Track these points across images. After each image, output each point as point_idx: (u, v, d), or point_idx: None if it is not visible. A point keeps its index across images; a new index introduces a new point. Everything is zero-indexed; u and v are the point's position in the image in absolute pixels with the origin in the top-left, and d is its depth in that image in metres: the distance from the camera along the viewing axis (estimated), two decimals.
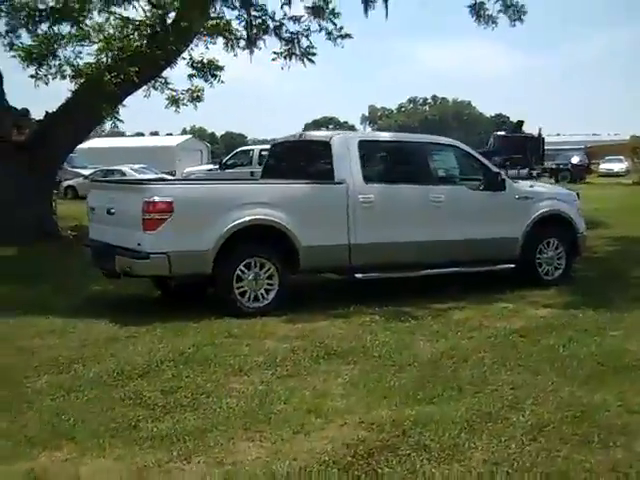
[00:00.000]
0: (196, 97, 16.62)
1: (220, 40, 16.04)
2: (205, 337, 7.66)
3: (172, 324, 8.14)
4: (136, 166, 34.88)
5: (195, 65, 15.23)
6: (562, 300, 9.75)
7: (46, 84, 14.22)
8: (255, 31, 15.61)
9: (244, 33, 15.61)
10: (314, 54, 15.79)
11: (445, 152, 10.67)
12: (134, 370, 6.41)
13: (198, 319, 8.33)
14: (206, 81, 15.42)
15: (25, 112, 14.89)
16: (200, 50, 15.41)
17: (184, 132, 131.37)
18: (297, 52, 15.64)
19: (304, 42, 15.61)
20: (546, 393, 5.90)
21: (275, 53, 15.84)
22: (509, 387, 6.06)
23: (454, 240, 9.93)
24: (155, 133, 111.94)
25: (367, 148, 9.72)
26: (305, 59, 15.75)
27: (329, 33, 15.66)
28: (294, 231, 8.90)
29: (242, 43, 16.12)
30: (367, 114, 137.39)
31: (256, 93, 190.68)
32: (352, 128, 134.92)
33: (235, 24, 15.83)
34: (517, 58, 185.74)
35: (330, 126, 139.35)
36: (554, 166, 47.89)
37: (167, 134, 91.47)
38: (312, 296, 9.93)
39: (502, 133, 44.64)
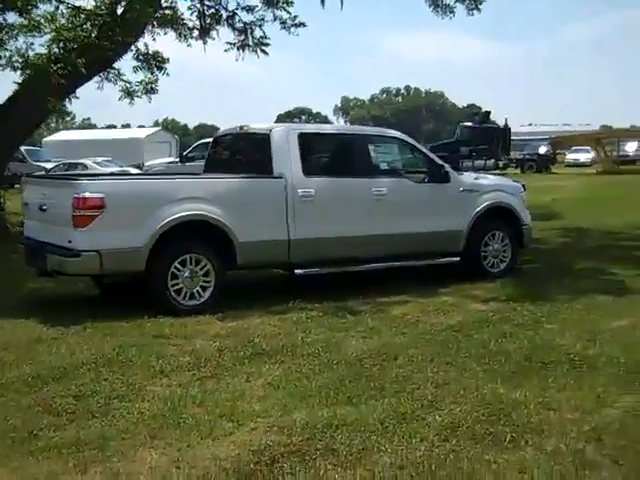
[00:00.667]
0: (150, 89, 16.35)
1: (172, 31, 15.75)
2: (133, 337, 7.49)
3: (103, 324, 7.96)
4: (99, 159, 34.49)
5: (140, 57, 14.95)
6: (504, 293, 9.67)
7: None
8: (208, 21, 15.36)
9: (197, 23, 15.34)
10: (267, 44, 15.61)
11: (388, 144, 10.57)
12: (51, 374, 6.21)
13: (131, 318, 8.15)
14: (152, 74, 15.15)
15: None
16: (154, 41, 15.09)
17: (155, 124, 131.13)
18: (250, 43, 15.40)
19: (258, 32, 15.36)
20: (468, 391, 5.80)
21: (228, 44, 15.62)
22: (433, 385, 5.96)
23: (397, 233, 9.83)
24: (127, 125, 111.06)
25: (308, 141, 9.57)
26: (259, 50, 15.53)
27: (283, 22, 15.46)
28: (230, 227, 8.74)
29: (195, 33, 15.86)
30: (340, 105, 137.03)
31: (230, 84, 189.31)
32: (325, 119, 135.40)
33: (188, 14, 15.52)
34: (493, 48, 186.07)
35: (303, 117, 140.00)
36: (520, 156, 48.07)
37: (139, 126, 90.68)
38: (252, 292, 9.79)
39: (468, 124, 44.85)
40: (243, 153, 10.06)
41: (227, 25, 15.39)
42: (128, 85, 16.29)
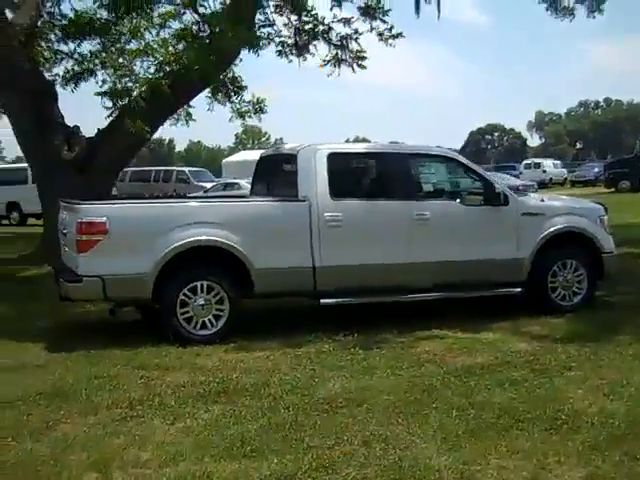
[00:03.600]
0: (259, 109, 16.31)
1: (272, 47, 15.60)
2: (114, 367, 7.25)
3: (98, 351, 7.81)
4: None
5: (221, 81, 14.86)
6: (561, 331, 8.62)
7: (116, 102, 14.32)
8: (305, 37, 15.05)
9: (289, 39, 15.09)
10: (365, 57, 15.03)
11: (436, 164, 9.71)
12: None
13: (133, 346, 7.92)
14: (229, 98, 15.04)
15: (76, 129, 15.05)
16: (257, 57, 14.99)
17: (347, 141, 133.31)
18: (347, 57, 14.91)
19: (354, 46, 14.83)
20: (390, 451, 5.05)
21: (323, 60, 15.22)
22: (357, 442, 5.25)
23: (442, 261, 8.99)
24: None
25: (339, 161, 8.96)
26: (355, 65, 15.01)
27: (380, 34, 14.86)
28: (246, 253, 8.30)
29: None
30: (533, 120, 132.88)
31: (422, 100, 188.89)
32: (519, 135, 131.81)
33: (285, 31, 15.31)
34: None
35: (495, 134, 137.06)
36: None
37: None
38: (283, 321, 9.28)
39: None
40: (277, 175, 9.59)
41: (323, 40, 14.96)
42: (238, 106, 16.34)
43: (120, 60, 14.80)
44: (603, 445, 5.11)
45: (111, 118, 14.41)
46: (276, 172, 9.59)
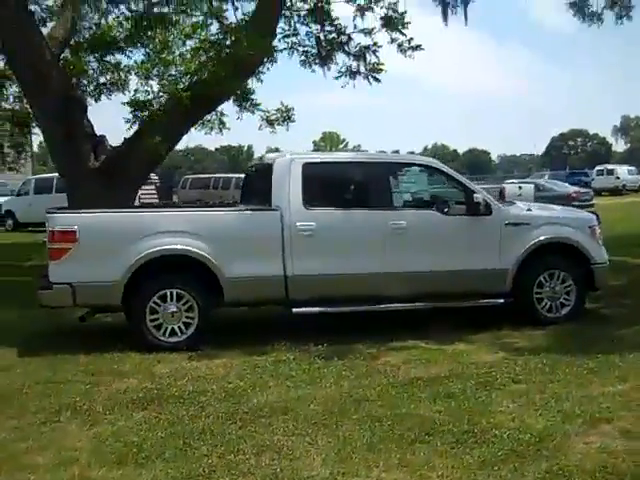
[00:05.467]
0: (287, 117, 16.40)
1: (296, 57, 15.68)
2: (69, 372, 7.46)
3: (66, 356, 8.02)
4: None
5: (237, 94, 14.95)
6: (535, 342, 8.46)
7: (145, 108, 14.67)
8: (327, 47, 15.08)
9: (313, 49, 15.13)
10: (381, 70, 14.94)
11: (416, 173, 9.63)
12: None
13: (100, 351, 8.14)
14: (245, 108, 15.10)
15: (102, 139, 15.42)
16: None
17: (425, 149, 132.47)
18: (363, 69, 14.88)
19: (372, 59, 14.79)
20: (270, 462, 5.05)
21: (339, 72, 15.20)
22: (253, 451, 5.28)
23: (419, 272, 8.91)
24: (396, 151, 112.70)
25: (315, 171, 8.97)
26: (370, 77, 14.95)
27: (400, 45, 14.79)
28: (215, 261, 8.41)
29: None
30: (619, 125, 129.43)
31: (504, 107, 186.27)
32: (603, 141, 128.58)
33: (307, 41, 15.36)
34: None
35: (578, 139, 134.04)
36: None
37: (393, 152, 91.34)
38: (256, 330, 9.32)
39: None
40: (259, 184, 9.65)
41: (342, 51, 14.95)
42: (268, 114, 16.46)
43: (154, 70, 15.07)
44: (496, 461, 5.02)
45: (134, 128, 14.68)
46: (258, 182, 9.67)
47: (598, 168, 53.75)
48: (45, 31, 16.11)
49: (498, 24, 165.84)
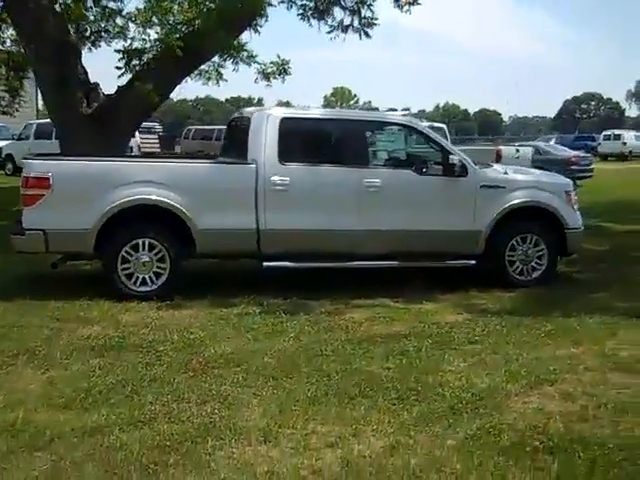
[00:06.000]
0: (283, 70, 16.34)
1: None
2: (33, 318, 7.56)
3: (37, 302, 8.12)
4: None
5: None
6: (502, 304, 8.54)
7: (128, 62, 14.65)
8: (325, 0, 14.97)
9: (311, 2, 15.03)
10: (375, 25, 14.84)
11: (394, 132, 9.63)
12: None
13: (74, 298, 8.25)
14: (241, 60, 15.01)
15: (95, 86, 15.41)
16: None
17: (436, 108, 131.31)
18: (355, 24, 14.78)
19: (367, 13, 14.68)
20: (212, 411, 5.19)
21: (330, 26, 15.11)
22: (197, 400, 5.41)
23: (392, 230, 8.98)
24: (407, 109, 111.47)
25: (292, 126, 8.98)
26: (362, 31, 14.86)
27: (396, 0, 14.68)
28: (188, 213, 8.49)
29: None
30: (633, 90, 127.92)
31: (518, 67, 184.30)
32: (616, 105, 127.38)
33: None
34: None
35: (592, 103, 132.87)
36: None
37: (389, 109, 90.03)
38: (233, 282, 9.40)
39: None
40: (237, 137, 9.66)
41: (339, 5, 14.85)
42: (264, 67, 16.39)
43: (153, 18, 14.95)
44: (432, 417, 5.14)
45: (127, 77, 14.67)
46: (237, 135, 9.69)
47: (605, 133, 53.35)
48: None
49: None
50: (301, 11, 15.61)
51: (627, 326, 7.56)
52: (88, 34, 15.26)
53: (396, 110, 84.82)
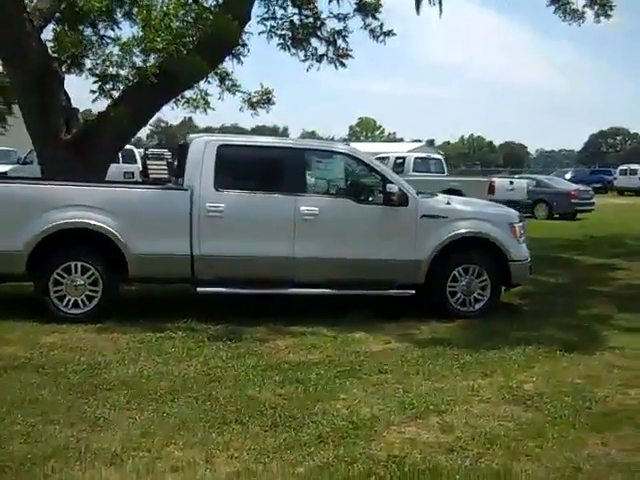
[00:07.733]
0: (267, 100, 16.39)
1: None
2: None
3: None
4: None
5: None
6: (437, 335, 8.48)
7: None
8: (302, 30, 15.04)
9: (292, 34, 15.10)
10: (349, 56, 14.89)
11: (334, 161, 9.64)
12: None
13: (4, 318, 8.25)
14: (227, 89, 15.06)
15: (74, 112, 15.58)
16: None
17: (461, 140, 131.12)
18: (331, 54, 14.84)
19: (341, 44, 14.74)
20: (60, 431, 5.18)
21: (305, 55, 15.17)
22: (58, 420, 5.41)
23: (328, 258, 8.94)
24: (418, 140, 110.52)
25: (230, 153, 9.02)
26: (337, 62, 14.92)
27: (372, 30, 14.73)
28: (121, 237, 8.52)
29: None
30: None
31: (541, 99, 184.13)
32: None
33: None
34: None
35: (618, 137, 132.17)
36: None
37: (414, 140, 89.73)
38: (168, 307, 9.40)
39: None
40: (180, 162, 9.72)
41: (315, 36, 14.92)
42: (249, 95, 16.45)
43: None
44: (294, 445, 5.12)
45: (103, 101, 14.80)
46: (180, 160, 9.75)
47: (621, 167, 52.92)
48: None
49: (544, 17, 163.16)
50: (281, 41, 15.64)
51: (547, 359, 7.47)
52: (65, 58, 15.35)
53: (420, 141, 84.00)
